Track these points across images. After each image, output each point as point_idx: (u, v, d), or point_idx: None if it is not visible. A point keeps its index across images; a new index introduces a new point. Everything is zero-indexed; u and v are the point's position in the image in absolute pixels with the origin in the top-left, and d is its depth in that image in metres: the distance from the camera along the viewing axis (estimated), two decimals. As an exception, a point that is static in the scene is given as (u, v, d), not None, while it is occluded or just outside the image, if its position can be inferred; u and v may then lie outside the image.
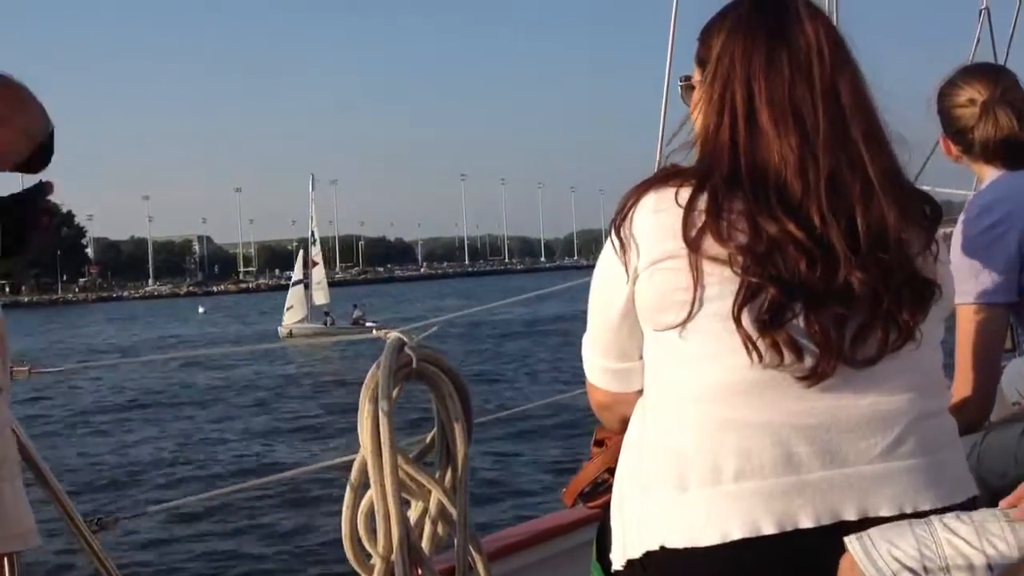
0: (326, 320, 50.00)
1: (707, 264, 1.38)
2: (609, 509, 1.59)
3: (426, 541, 2.03)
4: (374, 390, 1.90)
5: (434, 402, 2.03)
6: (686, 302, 1.39)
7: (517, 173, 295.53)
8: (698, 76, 1.54)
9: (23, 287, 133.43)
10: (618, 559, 1.51)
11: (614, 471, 1.59)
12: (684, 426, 1.43)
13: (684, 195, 1.41)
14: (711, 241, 1.37)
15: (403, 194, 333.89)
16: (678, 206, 1.40)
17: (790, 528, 1.37)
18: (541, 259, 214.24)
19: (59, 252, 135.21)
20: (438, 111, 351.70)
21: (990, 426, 2.21)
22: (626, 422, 1.58)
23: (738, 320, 1.36)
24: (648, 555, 1.44)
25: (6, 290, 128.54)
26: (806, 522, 1.37)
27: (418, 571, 1.97)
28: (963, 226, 2.21)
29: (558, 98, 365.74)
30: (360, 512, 1.95)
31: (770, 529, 1.37)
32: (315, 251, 53.02)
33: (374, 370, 1.94)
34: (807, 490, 1.38)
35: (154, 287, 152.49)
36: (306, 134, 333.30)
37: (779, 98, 1.42)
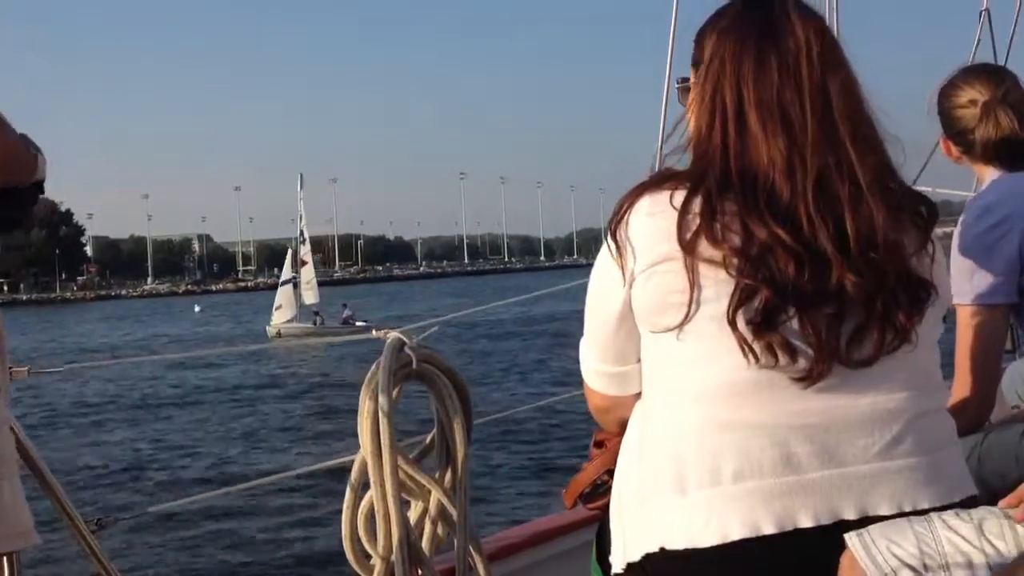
0: (315, 320, 49.78)
1: (703, 266, 1.38)
2: (609, 510, 1.59)
3: (426, 541, 2.03)
4: (374, 390, 1.90)
5: (434, 402, 2.02)
6: (683, 304, 1.39)
7: (517, 172, 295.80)
8: (693, 77, 1.54)
9: (21, 285, 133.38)
10: (618, 562, 1.51)
11: (614, 472, 1.59)
12: (683, 428, 1.42)
13: (679, 198, 1.41)
14: (705, 244, 1.37)
15: (403, 193, 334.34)
16: (673, 209, 1.40)
17: (790, 528, 1.37)
18: (541, 258, 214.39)
19: (57, 250, 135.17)
20: (438, 110, 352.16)
21: (990, 427, 2.20)
22: (625, 424, 1.57)
23: (733, 322, 1.36)
24: (648, 557, 1.44)
25: (4, 288, 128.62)
26: (806, 522, 1.37)
27: (418, 571, 1.96)
28: (964, 227, 2.21)
29: (558, 97, 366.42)
30: (360, 512, 1.95)
31: (770, 529, 1.36)
32: (304, 250, 52.98)
33: (374, 370, 1.93)
34: (806, 490, 1.37)
35: (153, 286, 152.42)
36: (306, 133, 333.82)
37: (767, 100, 1.42)
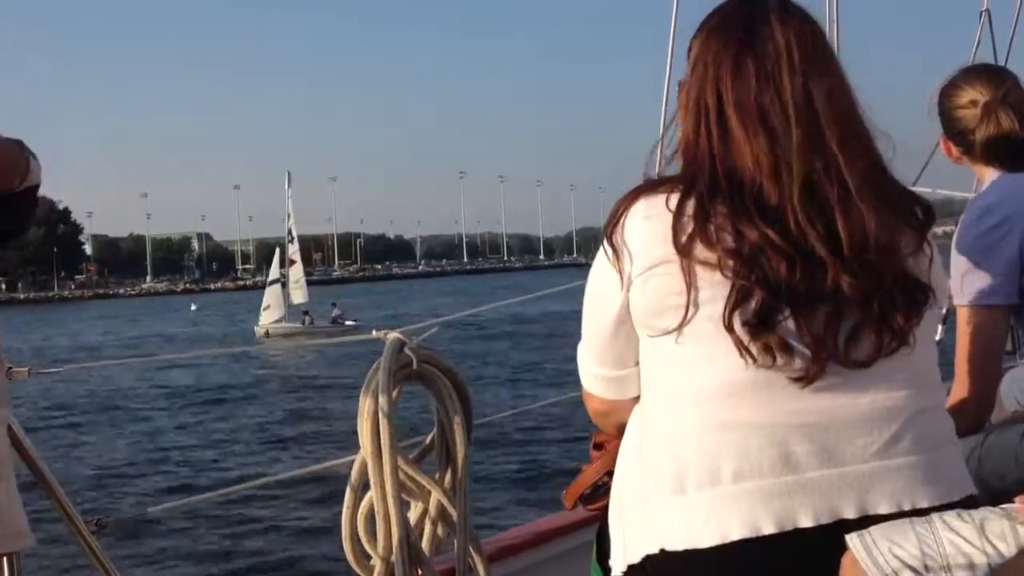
0: (304, 319, 49.55)
1: (699, 268, 1.38)
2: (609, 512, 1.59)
3: (426, 542, 2.03)
4: (374, 390, 1.90)
5: (434, 403, 2.02)
6: (680, 306, 1.39)
7: (516, 171, 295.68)
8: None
9: (19, 284, 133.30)
10: (618, 564, 1.51)
11: (613, 474, 1.59)
12: (682, 429, 1.42)
13: (674, 201, 1.41)
14: (700, 246, 1.38)
15: (403, 192, 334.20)
16: (669, 212, 1.41)
17: (790, 527, 1.37)
18: (540, 257, 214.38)
19: (55, 249, 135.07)
20: (437, 110, 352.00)
21: (990, 428, 2.20)
22: (624, 428, 1.57)
23: (730, 323, 1.36)
24: (648, 558, 1.44)
25: (2, 287, 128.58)
26: (805, 521, 1.37)
27: (418, 572, 1.96)
28: (964, 228, 2.20)
29: (558, 97, 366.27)
30: (360, 513, 1.95)
31: (770, 529, 1.36)
32: (292, 249, 52.81)
33: (374, 370, 1.93)
34: (806, 489, 1.37)
35: (151, 284, 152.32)
36: (306, 132, 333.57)
37: (746, 104, 1.42)
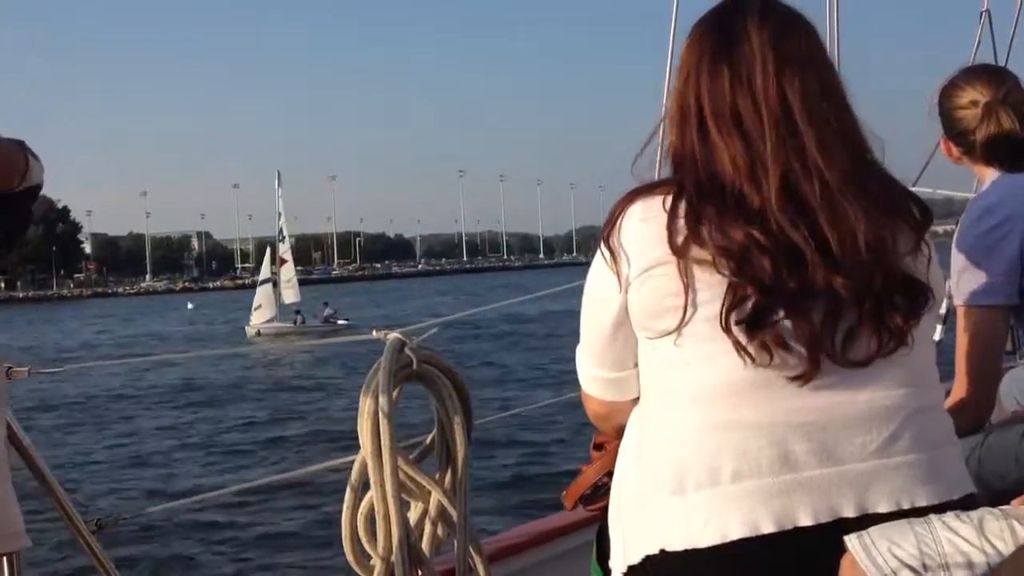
0: (296, 319, 49.35)
1: (696, 269, 1.39)
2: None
3: (426, 542, 2.03)
4: (374, 390, 1.90)
5: (434, 403, 2.02)
6: (679, 307, 1.39)
7: (516, 170, 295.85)
8: None
9: (18, 283, 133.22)
10: (618, 566, 1.51)
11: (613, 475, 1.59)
12: (681, 429, 1.43)
13: (669, 203, 1.42)
14: (695, 247, 1.38)
15: (403, 191, 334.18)
16: (665, 213, 1.42)
17: (789, 526, 1.37)
18: (540, 256, 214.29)
19: (54, 247, 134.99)
20: (437, 110, 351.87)
21: (990, 428, 2.20)
22: (623, 430, 1.57)
23: (727, 323, 1.37)
24: (648, 559, 1.44)
25: (1, 286, 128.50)
26: (805, 520, 1.37)
27: (418, 572, 1.96)
28: (964, 228, 2.20)
29: (558, 97, 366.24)
30: (360, 513, 1.95)
31: (769, 528, 1.36)
32: (283, 248, 52.72)
33: (374, 371, 1.93)
34: (805, 488, 1.38)
35: (150, 283, 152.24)
36: (306, 131, 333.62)
37: (722, 108, 1.43)
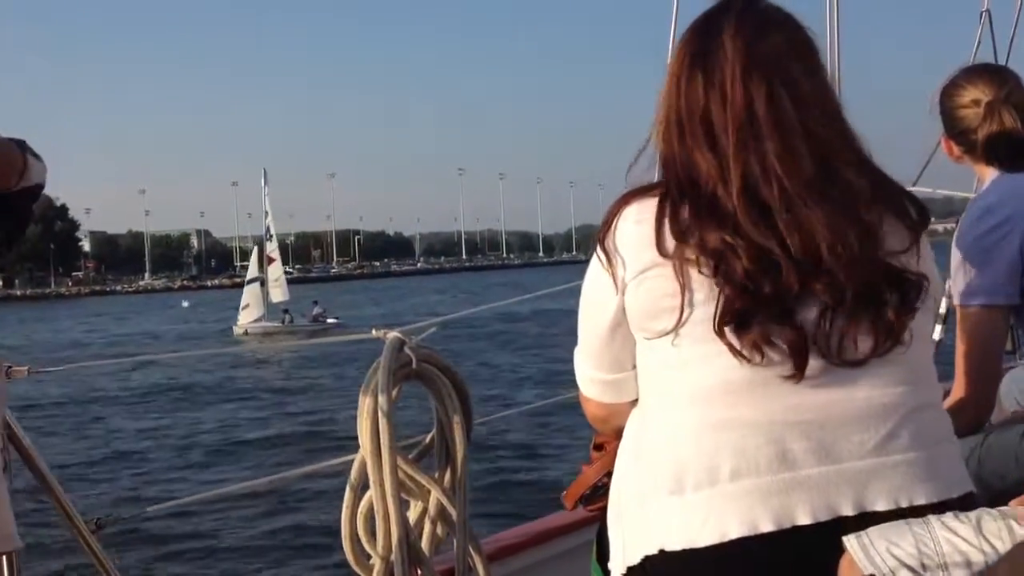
0: (284, 318, 49.20)
1: (691, 270, 1.39)
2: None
3: (425, 541, 2.03)
4: (373, 389, 1.90)
5: (433, 402, 2.02)
6: (675, 308, 1.40)
7: (516, 168, 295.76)
8: None
9: (16, 281, 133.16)
10: (618, 567, 1.51)
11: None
12: (680, 429, 1.43)
13: (660, 205, 1.44)
14: (683, 248, 1.39)
15: (403, 189, 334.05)
16: (656, 215, 1.43)
17: (788, 525, 1.37)
18: (540, 254, 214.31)
19: (52, 246, 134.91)
20: (437, 109, 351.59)
21: (990, 428, 2.20)
22: (622, 431, 1.57)
23: (719, 323, 1.38)
24: (648, 559, 1.44)
25: None
26: (803, 518, 1.37)
27: (417, 571, 1.96)
28: (965, 228, 2.20)
29: (558, 96, 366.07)
30: (360, 512, 1.95)
31: (768, 527, 1.37)
32: (271, 247, 52.48)
33: (373, 369, 1.93)
34: (803, 486, 1.38)
35: (148, 281, 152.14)
36: (306, 130, 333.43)
37: (694, 112, 1.46)
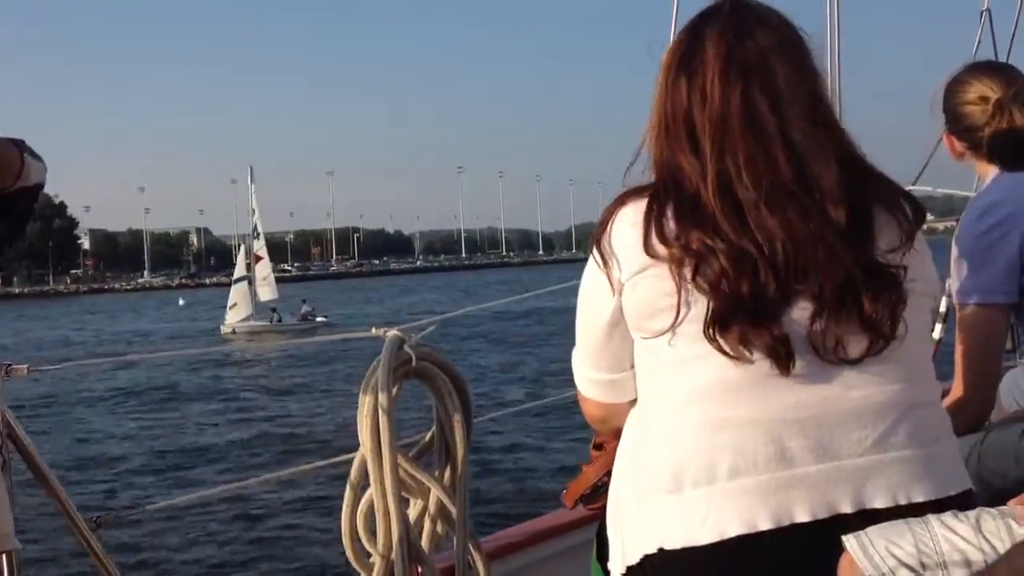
0: (272, 317, 49.02)
1: (685, 270, 1.40)
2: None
3: (426, 540, 2.03)
4: (374, 388, 1.90)
5: (433, 401, 2.02)
6: (672, 307, 1.40)
7: (515, 166, 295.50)
8: None
9: (15, 278, 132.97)
10: (617, 567, 1.51)
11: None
12: (678, 428, 1.43)
13: (652, 205, 1.45)
14: (668, 249, 1.40)
15: (402, 187, 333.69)
16: (650, 215, 1.44)
17: (786, 523, 1.37)
18: (539, 252, 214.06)
19: (51, 243, 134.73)
20: (437, 109, 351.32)
21: (990, 427, 2.20)
22: (621, 431, 1.57)
23: (710, 323, 1.38)
24: (647, 558, 1.44)
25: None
26: (802, 516, 1.37)
27: (418, 570, 1.96)
28: (965, 226, 2.20)
29: (558, 96, 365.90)
30: (360, 511, 1.95)
31: (767, 524, 1.37)
32: (258, 245, 52.16)
33: (373, 368, 1.93)
34: (801, 484, 1.38)
35: (147, 279, 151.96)
36: (306, 129, 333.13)
37: (678, 114, 1.48)
